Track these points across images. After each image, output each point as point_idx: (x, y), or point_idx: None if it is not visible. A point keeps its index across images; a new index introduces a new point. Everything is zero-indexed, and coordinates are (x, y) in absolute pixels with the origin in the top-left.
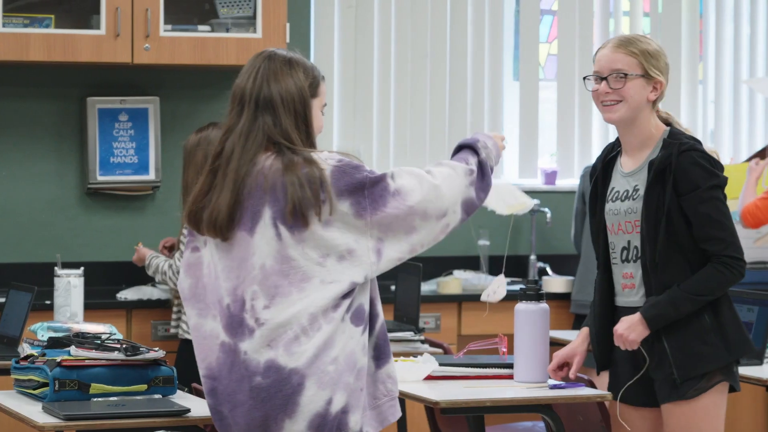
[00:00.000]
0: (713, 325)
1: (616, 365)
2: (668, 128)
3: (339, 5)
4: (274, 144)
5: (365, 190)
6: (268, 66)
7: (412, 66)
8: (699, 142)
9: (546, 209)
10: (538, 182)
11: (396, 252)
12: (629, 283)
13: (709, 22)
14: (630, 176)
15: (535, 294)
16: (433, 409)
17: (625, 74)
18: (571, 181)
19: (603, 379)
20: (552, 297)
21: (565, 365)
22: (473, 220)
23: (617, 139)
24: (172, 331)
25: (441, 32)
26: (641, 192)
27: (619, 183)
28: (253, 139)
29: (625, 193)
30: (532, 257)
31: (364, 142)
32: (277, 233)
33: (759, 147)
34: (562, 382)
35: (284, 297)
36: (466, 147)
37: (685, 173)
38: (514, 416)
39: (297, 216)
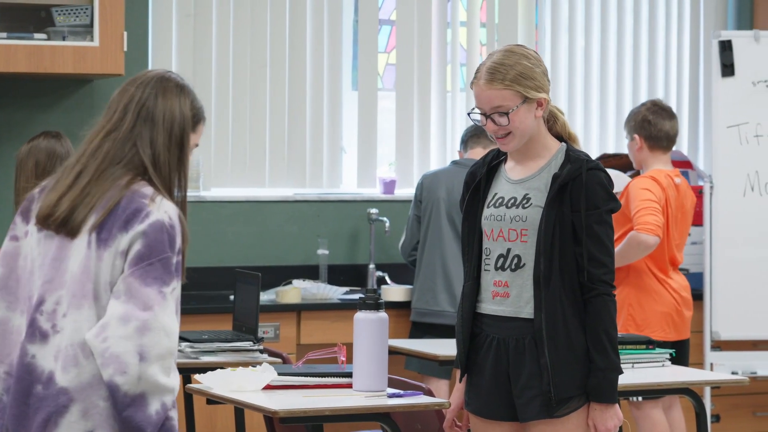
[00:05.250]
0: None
1: (474, 376)
2: (565, 144)
3: (177, 14)
4: (139, 163)
5: (155, 261)
6: (160, 83)
7: (251, 75)
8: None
9: (385, 218)
10: (376, 192)
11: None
12: (502, 291)
13: (544, 33)
14: (519, 184)
15: (373, 303)
16: (272, 419)
17: (506, 112)
18: (410, 190)
19: (441, 387)
20: (391, 306)
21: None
22: (312, 229)
23: None
24: None
25: (280, 41)
26: (534, 202)
27: (504, 189)
28: (123, 147)
29: (512, 201)
30: (371, 266)
31: (202, 153)
32: (89, 241)
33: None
34: (400, 391)
35: (78, 310)
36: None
37: (588, 190)
38: (353, 425)
39: (105, 231)
